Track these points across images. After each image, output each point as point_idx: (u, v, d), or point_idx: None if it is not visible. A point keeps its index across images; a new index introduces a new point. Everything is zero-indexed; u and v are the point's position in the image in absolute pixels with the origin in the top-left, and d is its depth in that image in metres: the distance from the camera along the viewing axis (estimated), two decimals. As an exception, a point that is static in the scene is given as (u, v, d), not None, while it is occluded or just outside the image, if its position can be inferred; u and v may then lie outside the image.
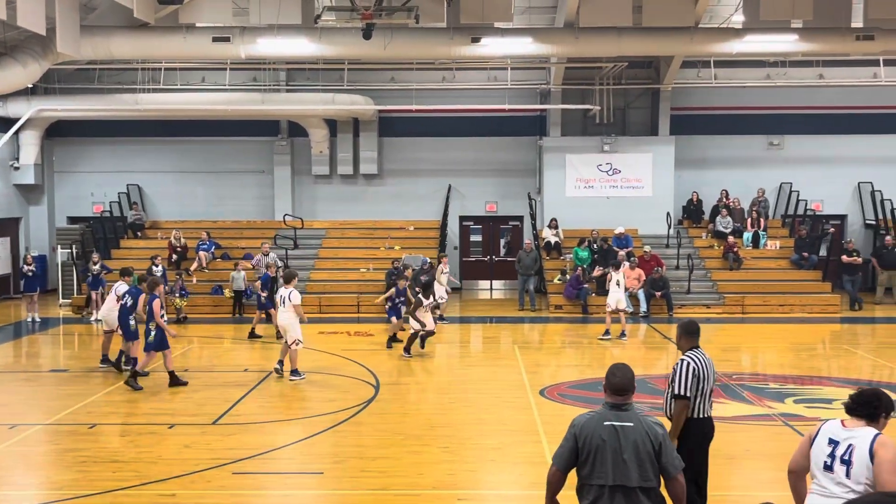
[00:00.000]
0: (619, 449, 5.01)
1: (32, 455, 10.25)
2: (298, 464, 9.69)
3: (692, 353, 6.98)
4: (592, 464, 5.05)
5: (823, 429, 5.18)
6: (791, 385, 13.70)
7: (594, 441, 5.05)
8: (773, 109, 25.90)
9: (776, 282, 22.70)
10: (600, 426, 5.07)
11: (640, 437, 5.03)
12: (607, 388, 5.22)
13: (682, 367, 6.87)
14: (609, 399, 5.18)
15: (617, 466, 5.00)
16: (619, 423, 5.06)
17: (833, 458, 5.03)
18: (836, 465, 5.01)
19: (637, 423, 5.08)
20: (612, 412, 5.13)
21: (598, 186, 25.04)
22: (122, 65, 24.51)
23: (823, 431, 5.16)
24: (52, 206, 27.10)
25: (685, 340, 7.07)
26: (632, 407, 5.15)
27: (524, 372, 14.64)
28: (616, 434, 5.03)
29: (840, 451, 5.01)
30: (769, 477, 9.35)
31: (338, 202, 26.63)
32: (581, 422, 5.17)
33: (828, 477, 5.05)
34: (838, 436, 5.07)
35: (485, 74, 25.63)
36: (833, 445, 5.06)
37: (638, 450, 5.01)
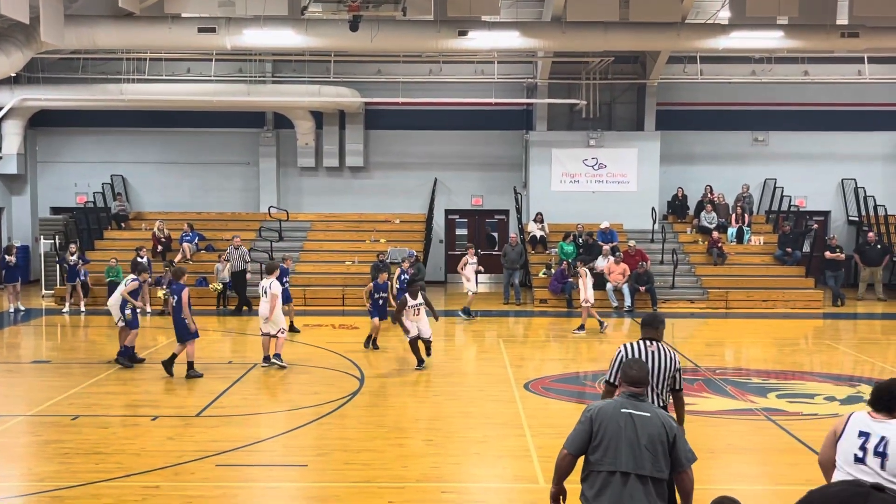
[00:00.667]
0: (636, 437, 5.07)
1: (14, 446, 10.19)
2: (282, 456, 9.67)
3: (631, 342, 7.07)
4: (605, 449, 5.09)
5: (852, 421, 5.02)
6: (773, 380, 13.79)
7: (611, 426, 5.11)
8: (758, 106, 26.01)
9: (760, 277, 22.83)
10: (618, 412, 5.16)
11: (656, 427, 5.13)
12: (624, 381, 5.37)
13: (615, 354, 7.05)
14: (626, 390, 5.32)
15: (632, 454, 5.06)
16: (637, 412, 5.16)
17: (865, 451, 4.87)
18: (869, 457, 4.85)
19: (653, 414, 5.20)
20: (629, 401, 5.25)
21: (584, 181, 25.09)
22: (107, 54, 24.33)
23: (852, 423, 5.00)
24: (35, 197, 26.89)
25: (642, 330, 7.16)
26: (647, 399, 5.32)
27: (509, 365, 14.67)
28: (633, 422, 5.12)
29: (872, 443, 4.85)
30: (751, 471, 9.42)
31: (323, 195, 26.56)
32: (598, 406, 5.26)
33: (860, 470, 4.86)
34: (869, 427, 4.92)
35: (472, 68, 25.62)
36: (864, 438, 4.89)
37: (653, 440, 5.09)
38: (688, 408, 11.68)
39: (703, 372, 14.16)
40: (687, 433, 10.41)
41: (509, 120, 26.26)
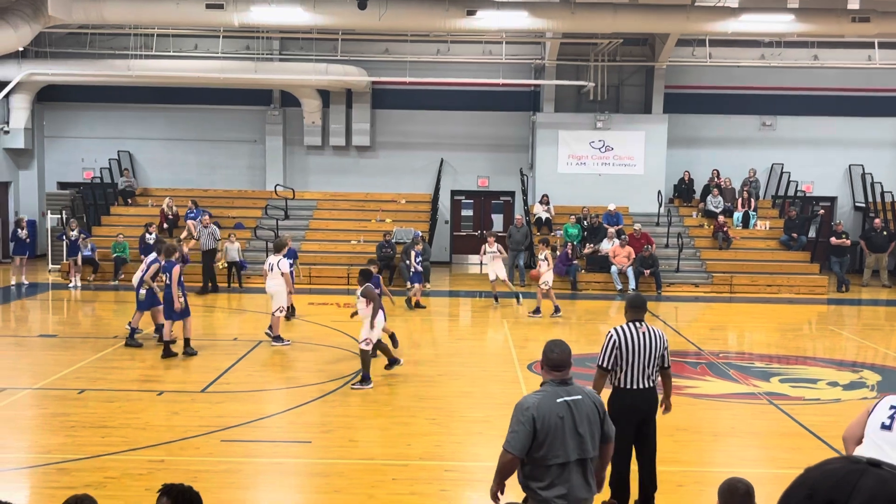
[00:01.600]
0: (575, 424, 5.07)
1: (20, 419, 10.28)
2: (287, 432, 9.74)
3: (622, 326, 7.12)
4: (551, 444, 5.04)
5: (885, 399, 5.04)
6: (776, 364, 13.82)
7: (552, 420, 5.03)
8: (767, 90, 25.90)
9: (765, 262, 22.82)
10: (555, 405, 5.08)
11: (589, 408, 5.17)
12: (546, 365, 5.27)
13: (607, 339, 7.11)
14: (551, 376, 5.22)
15: (576, 441, 5.07)
16: (571, 398, 5.13)
17: (893, 419, 4.86)
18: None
19: (584, 395, 5.23)
20: (560, 388, 5.18)
21: (591, 163, 25.05)
22: (115, 30, 24.28)
23: (886, 400, 5.01)
24: (42, 171, 26.93)
25: (628, 313, 7.22)
26: (573, 380, 5.26)
27: (512, 346, 14.72)
28: (571, 410, 5.09)
29: None
30: (753, 454, 9.48)
31: (329, 174, 26.55)
32: (534, 402, 5.09)
33: (884, 437, 4.85)
34: None
35: (479, 48, 25.52)
36: (894, 409, 4.89)
37: (590, 421, 5.14)
38: (690, 391, 11.80)
39: (707, 355, 14.20)
40: (689, 416, 10.53)
41: (516, 101, 26.19)
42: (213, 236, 20.99)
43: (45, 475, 8.27)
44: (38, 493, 7.85)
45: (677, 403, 10.98)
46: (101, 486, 7.70)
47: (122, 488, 7.81)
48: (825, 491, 1.41)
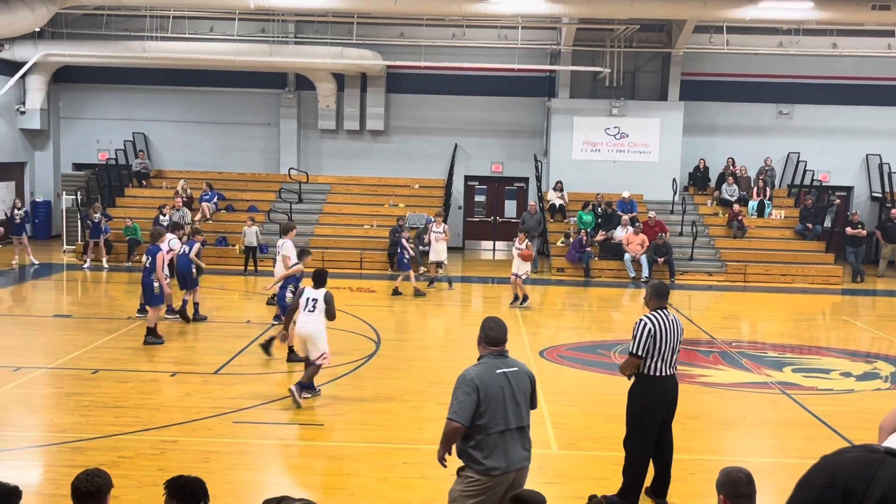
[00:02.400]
0: (513, 393, 5.40)
1: (35, 397, 10.37)
2: (298, 415, 9.78)
3: (653, 314, 7.10)
4: (493, 413, 5.32)
5: None
6: (790, 354, 13.77)
7: (493, 390, 5.34)
8: (784, 78, 25.69)
9: (779, 251, 22.70)
10: (495, 375, 5.40)
11: (524, 379, 5.53)
12: (484, 341, 5.59)
13: (640, 327, 7.07)
14: (489, 351, 5.55)
15: (514, 410, 5.39)
16: (509, 370, 5.47)
17: None
18: None
19: (519, 367, 5.57)
20: (498, 360, 5.51)
21: (605, 150, 24.94)
22: (131, 11, 24.29)
23: None
24: (58, 152, 27.03)
25: (654, 301, 7.20)
26: (508, 353, 5.60)
27: (524, 333, 14.72)
28: (509, 380, 5.42)
29: None
30: (764, 444, 9.46)
31: (343, 157, 26.55)
32: (476, 373, 5.41)
33: None
34: None
35: (495, 33, 25.40)
36: None
37: (525, 391, 5.50)
38: (702, 380, 11.79)
39: (719, 344, 14.17)
40: (701, 405, 10.53)
41: (531, 86, 26.08)
42: (182, 219, 20.60)
43: (60, 454, 8.35)
44: (53, 472, 7.93)
45: (689, 392, 10.99)
46: (115, 465, 7.76)
47: (136, 468, 7.87)
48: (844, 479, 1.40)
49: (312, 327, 9.92)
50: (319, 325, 9.95)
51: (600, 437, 9.03)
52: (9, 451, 8.47)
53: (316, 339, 9.94)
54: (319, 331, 9.96)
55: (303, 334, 9.99)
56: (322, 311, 9.94)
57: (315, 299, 9.95)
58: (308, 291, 10.10)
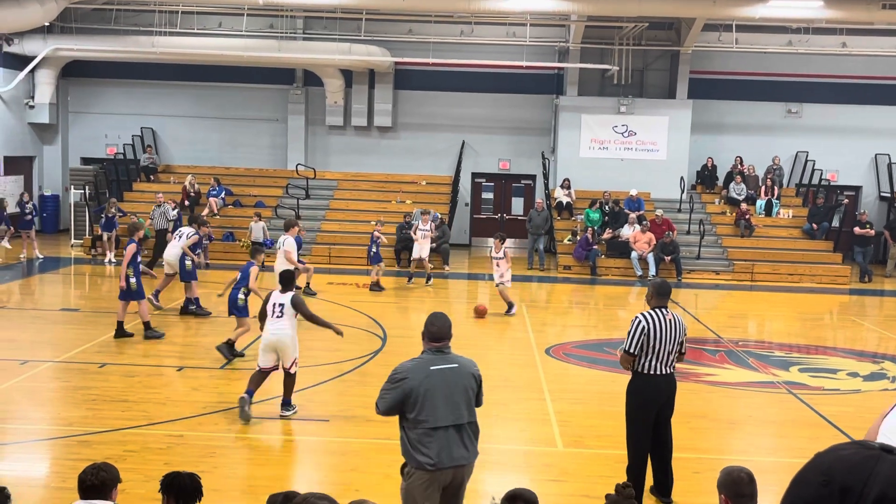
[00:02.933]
0: (450, 391, 5.34)
1: (43, 391, 10.41)
2: (304, 411, 9.80)
3: (650, 313, 7.13)
4: (422, 408, 5.30)
5: None
6: (796, 354, 13.75)
7: (425, 386, 5.31)
8: (793, 77, 25.61)
9: (787, 251, 22.64)
10: (428, 371, 5.37)
11: (466, 377, 5.45)
12: (426, 337, 5.55)
13: (635, 324, 7.12)
14: (429, 346, 5.51)
15: (449, 408, 5.33)
16: (445, 367, 5.41)
17: None
18: None
19: (460, 364, 5.50)
20: (436, 356, 5.46)
21: (613, 148, 24.90)
22: (140, 7, 24.36)
23: None
24: (66, 146, 27.11)
25: (655, 299, 7.21)
26: (450, 349, 5.53)
27: (530, 330, 14.72)
28: (444, 377, 5.37)
29: None
30: (770, 443, 9.45)
31: (351, 154, 26.56)
32: (407, 368, 5.43)
33: None
34: None
35: (503, 30, 25.37)
36: None
37: (466, 389, 5.42)
38: (708, 378, 11.77)
39: (726, 343, 14.15)
40: (707, 404, 10.51)
41: (539, 84, 26.06)
42: (164, 216, 20.26)
43: (67, 447, 8.38)
44: (60, 465, 7.96)
45: (695, 391, 10.99)
46: (122, 459, 7.78)
47: (142, 462, 7.90)
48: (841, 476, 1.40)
49: (282, 334, 9.24)
50: (289, 332, 9.29)
51: (605, 436, 9.03)
52: (16, 444, 8.51)
53: (286, 346, 9.28)
54: (289, 337, 9.30)
55: (272, 342, 9.26)
56: (291, 315, 9.27)
57: (282, 304, 9.27)
58: (274, 296, 9.40)
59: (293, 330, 9.36)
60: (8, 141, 24.93)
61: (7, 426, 9.01)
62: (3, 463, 7.82)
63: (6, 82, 24.34)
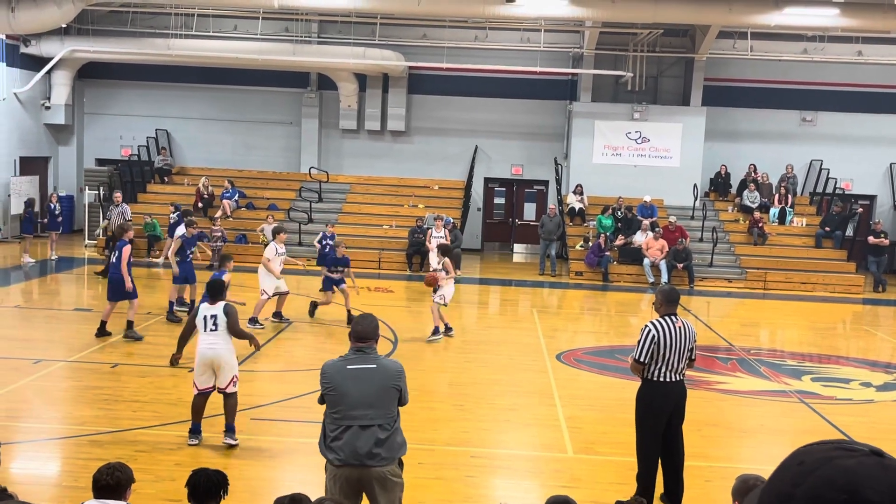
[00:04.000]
0: (363, 390, 5.42)
1: (55, 390, 10.47)
2: (315, 413, 9.72)
3: (660, 321, 7.11)
4: (337, 404, 5.42)
5: None
6: (809, 363, 13.68)
7: (340, 384, 5.44)
8: (808, 85, 25.51)
9: (800, 259, 22.53)
10: (345, 370, 5.48)
11: (383, 378, 5.50)
12: (352, 336, 5.65)
13: (645, 333, 7.10)
14: (353, 345, 5.60)
15: (359, 406, 5.39)
16: (362, 366, 5.49)
17: None
18: None
19: (379, 364, 5.56)
20: (356, 356, 5.56)
21: (626, 154, 24.86)
22: (156, 9, 24.48)
23: None
24: (81, 147, 27.27)
25: (664, 307, 7.18)
26: (374, 351, 5.61)
27: (541, 336, 14.70)
28: (359, 377, 5.45)
29: None
30: (782, 452, 9.28)
31: (364, 157, 26.61)
32: (330, 365, 5.58)
33: None
34: None
35: (517, 35, 25.37)
36: None
37: (384, 389, 5.47)
38: (720, 387, 11.73)
39: (738, 351, 14.09)
40: (718, 412, 10.47)
41: (553, 89, 26.05)
42: (122, 216, 19.11)
43: (78, 446, 8.42)
44: (72, 464, 8.00)
45: (706, 398, 10.94)
46: (133, 459, 7.80)
47: (153, 462, 7.92)
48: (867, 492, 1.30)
49: (218, 349, 8.45)
50: (226, 345, 8.52)
51: (616, 442, 9.01)
52: (28, 442, 8.55)
53: (224, 361, 8.48)
54: (227, 351, 8.53)
55: (208, 358, 8.46)
56: (224, 327, 8.51)
57: (214, 315, 8.50)
58: (203, 308, 8.62)
59: (230, 344, 8.58)
60: (24, 141, 25.10)
61: (20, 425, 9.05)
62: (16, 461, 7.86)
63: (23, 83, 24.51)
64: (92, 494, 4.53)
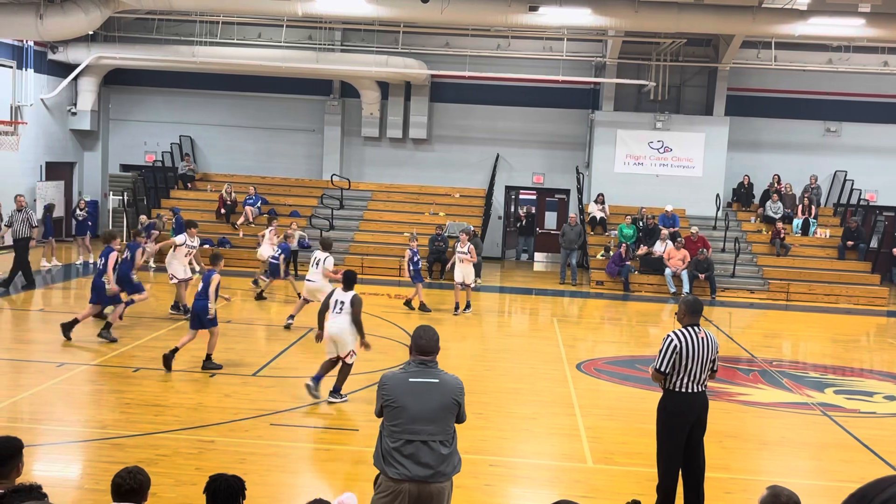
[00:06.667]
0: (426, 405, 5.30)
1: (78, 394, 10.55)
2: (335, 419, 9.85)
3: (682, 331, 7.08)
4: (398, 418, 5.29)
5: None
6: (832, 375, 13.55)
7: (403, 398, 5.30)
8: (833, 95, 25.34)
9: (823, 270, 22.35)
10: (406, 383, 5.36)
11: (445, 394, 5.38)
12: (414, 350, 5.51)
13: (666, 343, 7.07)
14: (415, 358, 5.49)
15: (424, 422, 5.27)
16: (427, 380, 5.38)
17: None
18: None
19: (442, 379, 5.43)
20: (419, 369, 5.44)
21: (648, 164, 24.78)
22: (181, 16, 24.72)
23: None
24: (107, 153, 27.54)
25: (687, 317, 7.13)
26: (436, 365, 5.50)
27: (562, 345, 14.66)
28: (422, 391, 5.33)
29: None
30: (804, 465, 9.31)
31: (385, 165, 26.69)
32: (390, 376, 5.47)
33: None
34: None
35: (540, 44, 25.39)
36: None
37: (444, 405, 5.35)
38: (741, 398, 11.64)
39: (760, 363, 13.98)
40: (740, 423, 10.40)
41: (575, 98, 26.03)
42: (28, 222, 17.96)
43: (100, 450, 8.48)
44: (93, 467, 8.05)
45: (728, 410, 10.87)
46: (153, 463, 7.87)
47: (174, 466, 7.97)
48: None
49: (340, 327, 10.19)
50: (347, 326, 10.18)
51: (636, 453, 8.96)
52: (51, 445, 8.63)
53: (344, 338, 10.22)
54: (346, 331, 10.19)
55: (332, 334, 10.26)
56: (349, 312, 10.14)
57: (343, 301, 10.21)
58: (337, 293, 10.37)
59: (350, 325, 10.17)
60: (50, 147, 25.38)
61: (43, 427, 9.14)
62: (39, 463, 7.93)
63: (50, 89, 24.81)
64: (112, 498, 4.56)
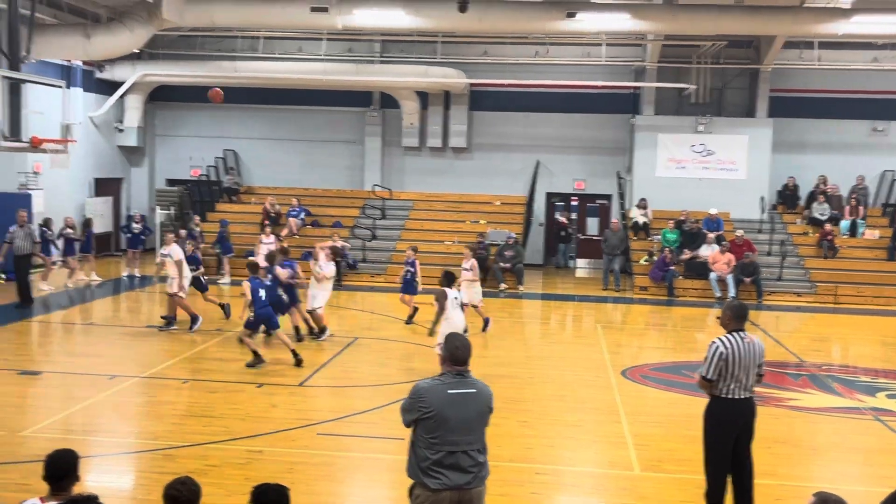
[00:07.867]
0: (465, 416, 5.29)
1: (130, 406, 10.76)
2: (380, 429, 9.91)
3: (727, 337, 7.01)
4: (437, 430, 5.24)
5: None
6: (883, 379, 13.30)
7: (442, 409, 5.24)
8: (879, 94, 24.90)
9: (872, 272, 21.93)
10: (445, 394, 5.30)
11: (481, 403, 5.40)
12: (449, 360, 5.44)
13: (713, 349, 7.01)
14: (450, 368, 5.42)
15: (464, 433, 5.26)
16: (465, 391, 5.35)
17: None
18: None
19: (478, 389, 5.42)
20: (456, 379, 5.38)
21: (691, 167, 24.56)
22: (223, 33, 25.11)
23: None
24: (153, 168, 28.06)
25: (733, 323, 7.08)
26: (471, 374, 5.48)
27: (606, 352, 14.60)
28: (462, 402, 5.30)
29: None
30: (855, 471, 9.17)
31: (426, 174, 26.81)
32: (425, 388, 5.34)
33: None
34: None
35: (579, 50, 25.31)
36: None
37: (481, 415, 5.40)
38: (790, 403, 11.50)
39: (809, 367, 13.78)
40: (789, 429, 10.27)
41: (615, 103, 25.90)
42: (30, 237, 17.31)
43: (153, 461, 8.65)
44: (146, 478, 8.21)
45: (777, 416, 10.74)
46: (203, 473, 7.99)
47: (223, 476, 8.09)
48: None
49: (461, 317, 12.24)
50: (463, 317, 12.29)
51: (684, 460, 8.89)
52: (104, 456, 8.81)
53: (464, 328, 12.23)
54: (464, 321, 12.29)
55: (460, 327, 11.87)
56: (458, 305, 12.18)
57: (457, 297, 12.24)
58: (451, 293, 12.12)
59: None
60: (99, 163, 25.93)
61: (96, 439, 9.34)
62: (92, 474, 8.10)
63: (98, 107, 25.35)
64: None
